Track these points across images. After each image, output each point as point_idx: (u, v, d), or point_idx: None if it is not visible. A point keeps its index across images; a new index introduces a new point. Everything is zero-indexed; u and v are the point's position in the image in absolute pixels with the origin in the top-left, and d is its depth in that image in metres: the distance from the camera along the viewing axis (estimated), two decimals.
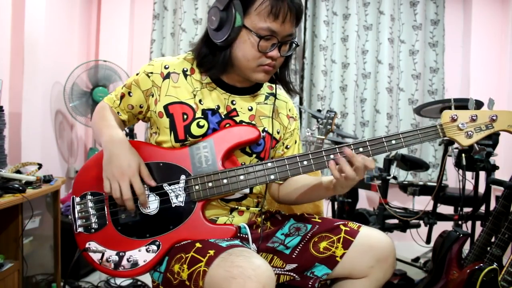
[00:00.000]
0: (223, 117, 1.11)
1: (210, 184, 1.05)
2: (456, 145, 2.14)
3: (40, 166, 1.94)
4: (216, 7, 1.03)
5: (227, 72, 1.12)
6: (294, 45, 1.07)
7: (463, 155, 2.05)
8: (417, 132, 1.03)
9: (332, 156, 1.03)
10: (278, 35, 1.02)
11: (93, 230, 1.07)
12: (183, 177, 1.06)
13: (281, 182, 1.22)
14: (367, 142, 1.03)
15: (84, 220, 1.08)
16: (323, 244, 1.06)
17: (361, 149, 1.03)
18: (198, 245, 0.97)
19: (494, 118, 1.03)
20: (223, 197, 1.09)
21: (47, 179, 1.92)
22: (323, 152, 1.03)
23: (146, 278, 2.21)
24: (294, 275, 1.05)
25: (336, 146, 1.04)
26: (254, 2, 1.01)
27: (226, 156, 1.08)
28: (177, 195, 1.06)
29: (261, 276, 0.83)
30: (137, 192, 1.02)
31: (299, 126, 1.26)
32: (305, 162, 1.04)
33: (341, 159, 1.00)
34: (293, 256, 1.08)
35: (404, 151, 3.32)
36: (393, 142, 1.03)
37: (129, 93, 1.15)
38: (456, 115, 1.04)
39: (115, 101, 1.18)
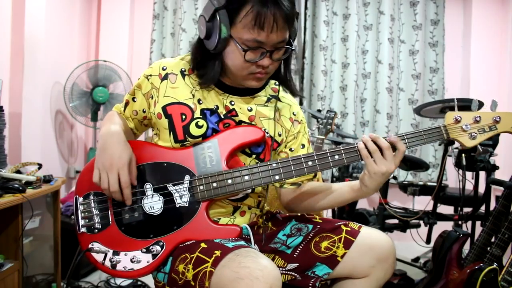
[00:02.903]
0: (222, 117, 1.10)
1: (214, 184, 1.04)
2: (456, 145, 2.14)
3: (40, 166, 1.94)
4: (203, 17, 1.02)
5: (221, 76, 1.11)
6: (289, 49, 1.04)
7: (463, 155, 2.05)
8: (421, 133, 1.03)
9: (337, 157, 1.03)
10: (266, 45, 0.99)
11: (96, 230, 1.06)
12: (187, 177, 1.06)
13: (284, 186, 1.21)
14: None
15: (87, 220, 1.07)
16: (324, 244, 1.06)
17: None
18: (203, 245, 0.97)
19: (498, 119, 1.03)
20: (228, 197, 1.09)
21: (47, 179, 1.92)
22: (328, 153, 1.03)
23: (147, 278, 2.21)
24: (295, 274, 1.05)
25: (341, 147, 1.03)
26: (240, 12, 0.96)
27: (231, 156, 1.08)
28: (181, 195, 1.05)
29: (268, 276, 0.83)
30: (122, 185, 1.02)
31: (306, 130, 1.24)
32: (309, 163, 1.03)
33: (365, 137, 1.01)
34: (295, 255, 1.08)
35: None
36: None
37: (133, 98, 1.16)
38: (460, 117, 1.04)
39: (121, 109, 1.20)
